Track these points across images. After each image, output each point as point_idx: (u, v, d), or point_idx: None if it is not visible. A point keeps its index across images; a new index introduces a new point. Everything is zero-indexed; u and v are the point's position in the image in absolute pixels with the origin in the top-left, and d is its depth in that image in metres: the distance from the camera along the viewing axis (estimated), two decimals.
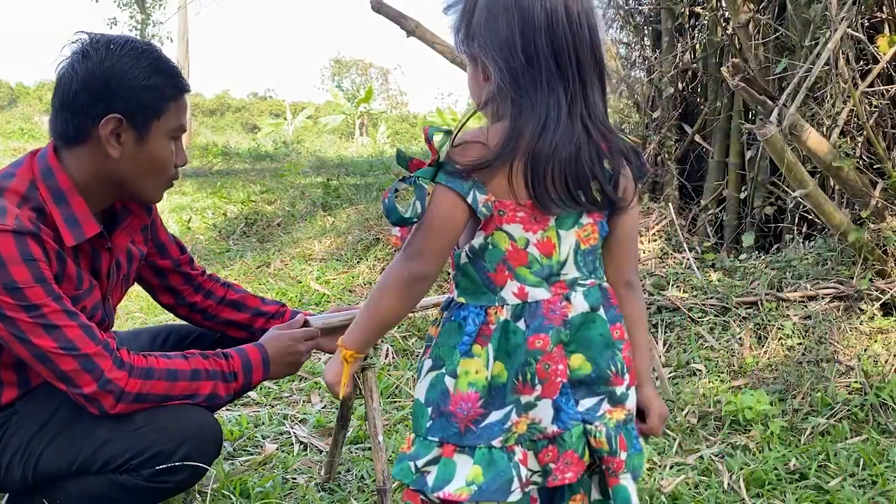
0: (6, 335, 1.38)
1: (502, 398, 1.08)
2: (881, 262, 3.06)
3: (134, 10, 21.10)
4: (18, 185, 1.43)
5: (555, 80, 1.04)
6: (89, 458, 1.49)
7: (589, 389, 1.11)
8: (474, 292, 1.11)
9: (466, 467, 1.07)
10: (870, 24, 3.34)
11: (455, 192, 1.04)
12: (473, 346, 1.09)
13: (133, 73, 1.44)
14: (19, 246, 1.34)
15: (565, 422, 1.10)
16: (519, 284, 1.09)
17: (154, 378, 1.49)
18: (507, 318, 1.09)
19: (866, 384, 2.52)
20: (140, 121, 1.46)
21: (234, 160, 10.96)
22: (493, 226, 1.07)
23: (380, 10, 4.50)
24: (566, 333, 1.09)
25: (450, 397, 1.09)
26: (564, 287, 1.10)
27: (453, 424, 1.08)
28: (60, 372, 1.41)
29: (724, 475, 2.07)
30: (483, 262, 1.09)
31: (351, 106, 23.81)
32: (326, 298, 3.90)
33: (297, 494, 1.99)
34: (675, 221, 4.18)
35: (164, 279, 1.88)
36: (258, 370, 1.64)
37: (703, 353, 2.98)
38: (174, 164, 1.55)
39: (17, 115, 30.18)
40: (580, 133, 1.04)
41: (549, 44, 1.03)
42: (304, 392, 2.81)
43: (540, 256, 1.09)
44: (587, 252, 1.12)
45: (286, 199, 6.46)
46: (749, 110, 4.05)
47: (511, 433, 1.08)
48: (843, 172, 2.90)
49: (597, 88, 1.07)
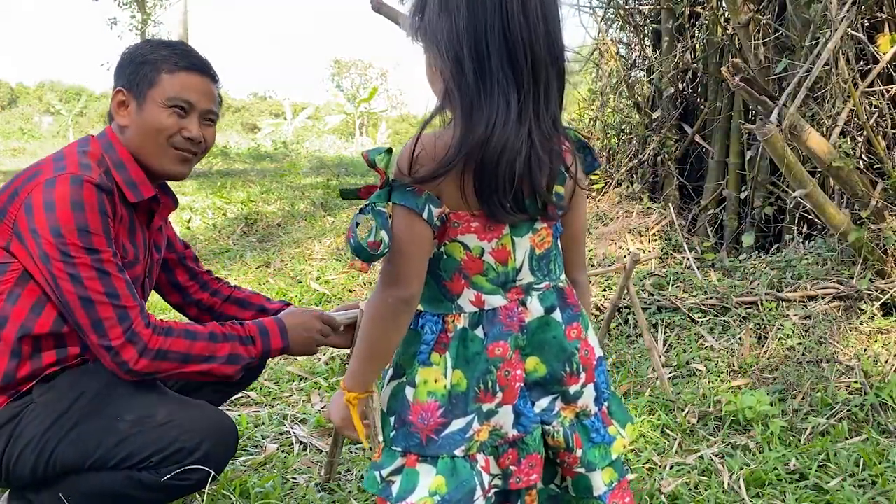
0: (62, 274, 1.46)
1: (464, 407, 1.07)
2: (881, 262, 3.06)
3: (134, 10, 21.09)
4: (95, 153, 1.62)
5: (506, 80, 0.98)
6: (108, 453, 1.49)
7: (543, 389, 1.12)
8: (432, 301, 1.10)
9: (429, 477, 1.06)
10: (870, 24, 3.34)
11: (411, 211, 1.00)
12: (432, 355, 1.08)
13: (137, 52, 1.65)
14: (98, 197, 1.50)
15: (525, 425, 1.10)
16: (475, 292, 1.08)
17: (174, 335, 1.56)
18: (465, 325, 1.08)
19: (866, 384, 2.52)
20: (138, 90, 1.63)
21: (234, 160, 10.96)
22: (447, 236, 1.05)
23: (380, 10, 4.50)
24: (523, 339, 1.09)
25: (409, 407, 1.08)
26: (520, 292, 1.10)
27: (415, 434, 1.07)
28: (97, 318, 1.48)
29: (724, 475, 2.07)
30: (439, 271, 1.08)
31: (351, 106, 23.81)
32: (326, 298, 3.90)
33: (297, 494, 1.99)
34: (675, 221, 4.18)
35: (171, 274, 1.93)
36: (275, 337, 1.70)
37: (703, 353, 2.97)
38: (182, 134, 1.66)
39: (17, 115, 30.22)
40: (526, 139, 0.99)
41: (501, 39, 0.97)
42: (304, 392, 2.81)
43: (495, 264, 1.08)
44: (542, 257, 1.11)
45: (286, 199, 6.46)
46: (749, 110, 4.05)
47: (473, 442, 1.07)
48: (843, 172, 2.90)
49: (553, 87, 1.02)
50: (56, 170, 1.51)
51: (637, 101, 4.75)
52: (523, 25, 0.97)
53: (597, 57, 5.15)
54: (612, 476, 1.16)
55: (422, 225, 1.01)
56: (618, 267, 2.60)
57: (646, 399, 2.56)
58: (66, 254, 1.46)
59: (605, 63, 5.02)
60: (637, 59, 4.96)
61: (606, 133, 5.06)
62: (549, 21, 1.00)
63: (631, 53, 5.04)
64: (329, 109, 27.48)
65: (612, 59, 4.91)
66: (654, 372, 2.74)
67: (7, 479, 1.56)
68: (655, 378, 2.74)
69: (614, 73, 5.02)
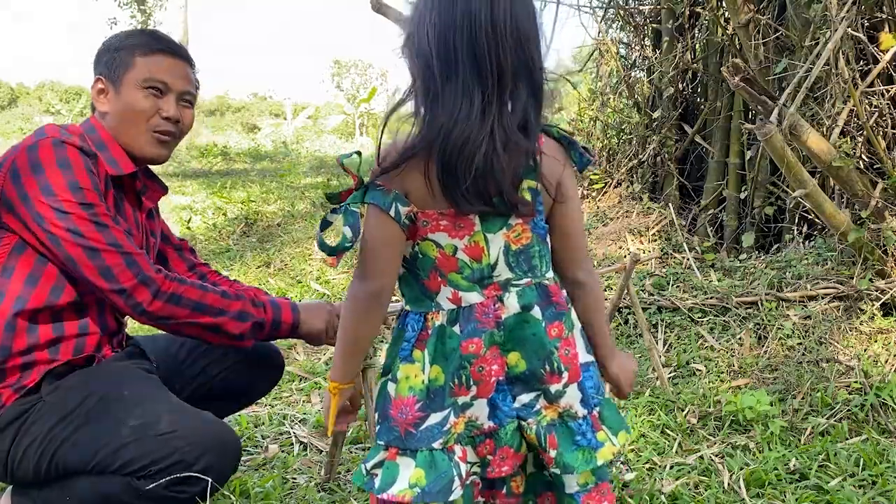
0: (62, 232, 1.49)
1: (441, 401, 1.10)
2: (881, 262, 3.06)
3: (134, 10, 21.09)
4: (75, 131, 1.66)
5: (471, 83, 1.02)
6: (109, 457, 1.48)
7: (526, 385, 1.13)
8: (414, 300, 1.14)
9: (409, 469, 1.09)
10: (870, 24, 3.34)
11: (379, 209, 1.06)
12: (413, 352, 1.12)
13: (112, 42, 1.70)
14: (84, 159, 1.54)
15: (501, 419, 1.13)
16: (452, 290, 1.11)
17: (186, 284, 1.59)
18: (443, 322, 1.11)
19: (866, 384, 2.52)
20: (114, 76, 1.67)
21: (234, 160, 10.96)
22: (419, 235, 1.10)
23: (380, 10, 4.50)
24: (500, 335, 1.12)
25: (391, 402, 1.12)
26: (498, 289, 1.12)
27: (395, 428, 1.11)
28: (105, 266, 1.50)
29: (724, 475, 2.07)
30: (416, 270, 1.12)
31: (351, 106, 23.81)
32: (326, 299, 3.90)
33: (297, 494, 1.99)
34: (675, 221, 4.18)
35: (168, 265, 1.94)
36: (286, 311, 1.72)
37: (703, 353, 2.97)
38: (160, 115, 1.69)
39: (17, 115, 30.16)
40: (488, 137, 1.02)
41: (469, 49, 1.01)
42: (304, 392, 2.81)
43: (469, 261, 1.10)
44: (519, 252, 1.12)
45: (286, 199, 6.46)
46: (749, 110, 4.05)
47: (450, 434, 1.11)
48: (843, 172, 2.90)
49: (522, 96, 1.05)
50: (36, 137, 1.55)
51: (637, 101, 4.75)
52: (490, 36, 1.01)
53: (597, 57, 5.15)
54: (588, 479, 1.17)
55: (389, 222, 1.06)
56: (618, 267, 2.60)
57: (646, 399, 2.56)
58: (61, 211, 1.48)
59: (605, 63, 5.02)
60: (637, 59, 4.96)
61: (606, 133, 5.06)
62: (522, 38, 1.03)
63: (631, 53, 5.04)
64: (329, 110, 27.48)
65: (612, 59, 4.90)
66: (654, 372, 2.74)
67: (11, 476, 1.56)
68: (655, 378, 2.74)
69: (614, 73, 5.02)
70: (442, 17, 1.02)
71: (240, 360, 1.90)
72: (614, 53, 4.87)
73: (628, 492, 1.99)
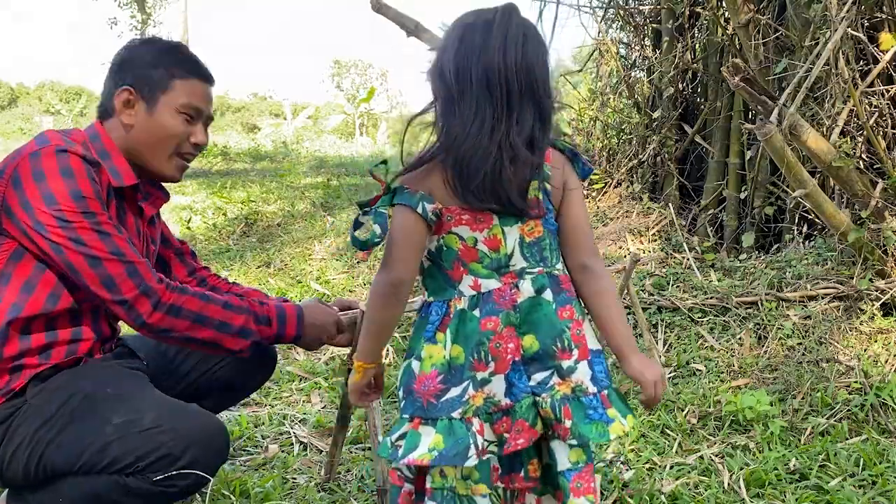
0: (63, 241, 1.48)
1: (460, 375, 1.23)
2: (881, 262, 3.06)
3: (134, 10, 21.09)
4: (77, 138, 1.64)
5: (484, 103, 1.20)
6: (95, 456, 1.47)
7: (540, 364, 1.25)
8: (437, 290, 1.29)
9: (429, 437, 1.21)
10: (870, 24, 3.34)
11: (407, 207, 1.22)
12: (436, 334, 1.26)
13: (145, 53, 1.67)
14: (87, 168, 1.52)
15: (516, 395, 1.24)
16: (473, 278, 1.26)
17: (188, 294, 1.58)
18: (465, 307, 1.25)
19: (866, 384, 2.52)
20: (148, 92, 1.64)
21: (234, 160, 10.95)
22: (444, 229, 1.25)
23: (380, 10, 4.50)
24: (516, 316, 1.25)
25: (415, 378, 1.25)
26: (514, 276, 1.26)
27: (418, 400, 1.24)
28: (107, 276, 1.50)
29: (724, 475, 2.07)
30: (441, 261, 1.27)
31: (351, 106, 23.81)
32: (326, 298, 3.90)
33: (297, 494, 1.99)
34: (675, 221, 4.18)
35: (169, 270, 1.93)
36: (291, 323, 1.70)
37: (703, 353, 2.98)
38: (190, 141, 1.70)
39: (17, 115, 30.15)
40: (496, 150, 1.19)
41: (482, 78, 1.19)
42: (304, 392, 2.81)
43: (489, 251, 1.26)
44: (532, 244, 1.27)
45: (286, 199, 6.46)
46: (749, 110, 4.05)
47: (469, 406, 1.23)
48: (843, 172, 2.90)
49: (528, 116, 1.21)
50: (39, 144, 1.53)
51: (637, 101, 4.75)
52: (501, 68, 1.19)
53: (597, 57, 5.15)
54: (580, 457, 1.27)
55: (416, 218, 1.22)
56: (618, 268, 2.61)
57: None
58: (63, 220, 1.47)
59: (605, 63, 5.02)
60: (637, 59, 4.96)
61: (606, 133, 5.06)
62: (531, 67, 1.21)
63: (631, 53, 5.04)
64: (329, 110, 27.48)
65: (612, 59, 4.90)
66: None
67: (1, 479, 1.56)
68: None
69: (614, 73, 5.02)
70: (463, 50, 1.21)
71: None
72: (614, 53, 4.87)
73: (628, 492, 1.99)
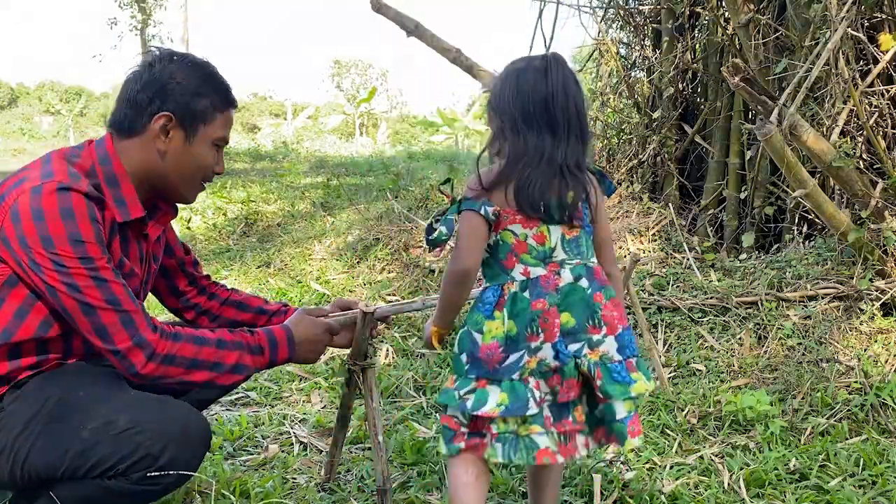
0: (59, 285, 1.46)
1: (516, 345, 1.53)
2: (881, 262, 3.07)
3: (134, 10, 21.10)
4: (84, 163, 1.60)
5: (543, 135, 1.53)
6: (76, 461, 1.47)
7: (574, 337, 1.54)
8: (493, 277, 1.59)
9: (496, 394, 1.52)
10: (870, 24, 3.34)
11: (472, 211, 1.54)
12: (494, 312, 1.55)
13: (187, 81, 1.64)
14: (88, 207, 1.49)
15: (562, 359, 1.53)
16: (524, 266, 1.56)
17: (181, 341, 1.56)
18: (517, 290, 1.55)
19: (866, 384, 2.52)
20: (188, 122, 1.64)
21: (234, 160, 10.96)
22: (501, 227, 1.56)
23: (380, 10, 4.50)
24: (558, 298, 1.54)
25: (479, 347, 1.55)
26: (556, 266, 1.56)
27: (484, 365, 1.54)
28: (100, 325, 1.48)
29: (724, 475, 2.07)
30: (498, 253, 1.58)
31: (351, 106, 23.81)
32: (326, 298, 3.90)
33: (297, 494, 1.99)
34: (675, 221, 4.18)
35: (170, 280, 1.91)
36: (283, 348, 1.70)
37: (703, 353, 2.98)
38: (213, 170, 1.71)
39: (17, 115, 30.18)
40: (552, 171, 1.53)
41: (542, 111, 1.53)
42: (304, 392, 2.81)
43: (536, 245, 1.56)
44: (571, 241, 1.58)
45: (286, 199, 6.46)
46: (749, 110, 4.05)
47: (525, 368, 1.53)
48: (843, 172, 2.90)
49: (574, 140, 1.55)
50: (43, 178, 1.49)
51: (637, 101, 4.75)
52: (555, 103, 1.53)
53: (597, 57, 5.15)
54: (630, 407, 1.58)
55: (479, 219, 1.54)
56: (618, 268, 2.61)
57: (646, 399, 2.57)
58: (59, 264, 1.45)
59: (605, 63, 5.02)
60: (637, 59, 4.95)
61: (606, 133, 5.05)
62: (578, 106, 1.56)
63: (631, 53, 5.04)
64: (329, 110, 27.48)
65: (612, 59, 4.90)
66: (654, 372, 2.74)
67: None
68: (655, 378, 2.74)
69: (614, 73, 5.02)
70: (524, 90, 1.54)
71: None
72: (614, 53, 4.87)
73: (628, 492, 1.99)
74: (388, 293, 3.87)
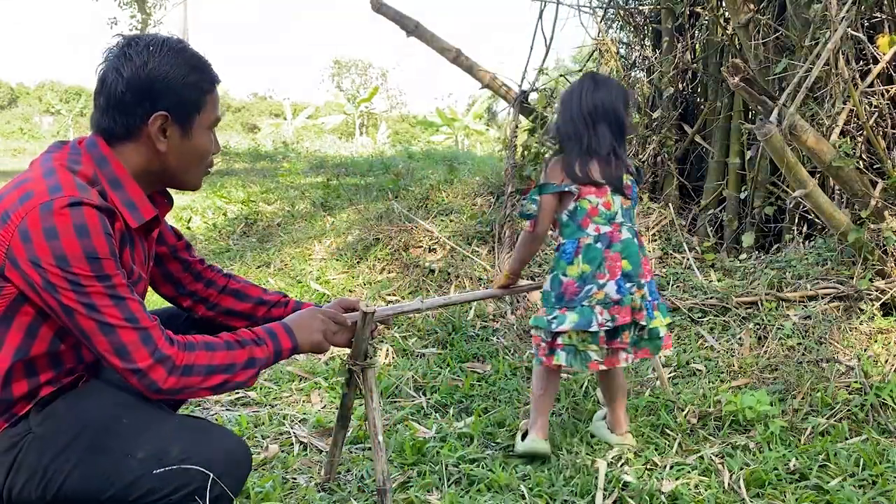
0: (76, 305, 1.42)
1: (587, 281, 2.15)
2: (881, 262, 3.06)
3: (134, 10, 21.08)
4: (87, 171, 1.53)
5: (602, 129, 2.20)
6: (123, 491, 1.45)
7: (629, 279, 2.16)
8: (571, 235, 2.20)
9: (571, 316, 2.15)
10: (870, 24, 3.34)
11: (550, 194, 2.21)
12: (574, 258, 2.17)
13: (174, 73, 1.56)
14: (101, 220, 1.44)
15: (622, 293, 2.14)
16: (595, 225, 2.18)
17: (196, 350, 1.54)
18: (590, 242, 2.17)
19: (866, 384, 2.52)
20: (183, 116, 1.59)
21: (234, 160, 10.96)
22: (580, 196, 2.18)
23: (380, 10, 4.50)
24: (620, 247, 2.17)
25: (563, 285, 2.18)
26: (618, 226, 2.19)
27: (564, 297, 2.17)
28: (120, 344, 1.45)
29: (724, 475, 2.07)
30: (576, 216, 2.19)
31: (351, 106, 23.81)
32: (326, 298, 3.90)
33: (297, 494, 1.99)
34: (675, 221, 4.18)
35: (163, 267, 1.88)
36: (284, 337, 1.69)
37: (703, 353, 2.98)
38: (212, 151, 1.68)
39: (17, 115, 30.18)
40: (604, 156, 2.20)
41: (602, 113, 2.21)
42: (304, 392, 2.81)
43: (604, 210, 2.18)
44: (627, 209, 2.22)
45: (286, 199, 6.46)
46: (749, 110, 4.05)
47: (593, 298, 2.14)
48: (843, 172, 2.90)
49: (619, 138, 2.23)
50: (51, 192, 1.43)
51: (637, 101, 4.74)
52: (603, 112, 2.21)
53: (597, 57, 5.14)
54: (664, 327, 2.23)
55: (554, 199, 2.22)
56: None
57: (646, 399, 2.56)
58: (76, 283, 1.41)
59: (605, 63, 5.01)
60: (637, 59, 4.95)
61: None
62: (616, 111, 2.23)
63: (631, 53, 5.04)
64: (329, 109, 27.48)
65: (612, 59, 4.90)
66: (654, 372, 2.74)
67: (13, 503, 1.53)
68: (655, 378, 2.74)
69: (614, 73, 5.01)
70: (585, 103, 2.22)
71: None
72: (614, 53, 4.87)
73: (628, 492, 1.99)
74: (388, 293, 3.87)
